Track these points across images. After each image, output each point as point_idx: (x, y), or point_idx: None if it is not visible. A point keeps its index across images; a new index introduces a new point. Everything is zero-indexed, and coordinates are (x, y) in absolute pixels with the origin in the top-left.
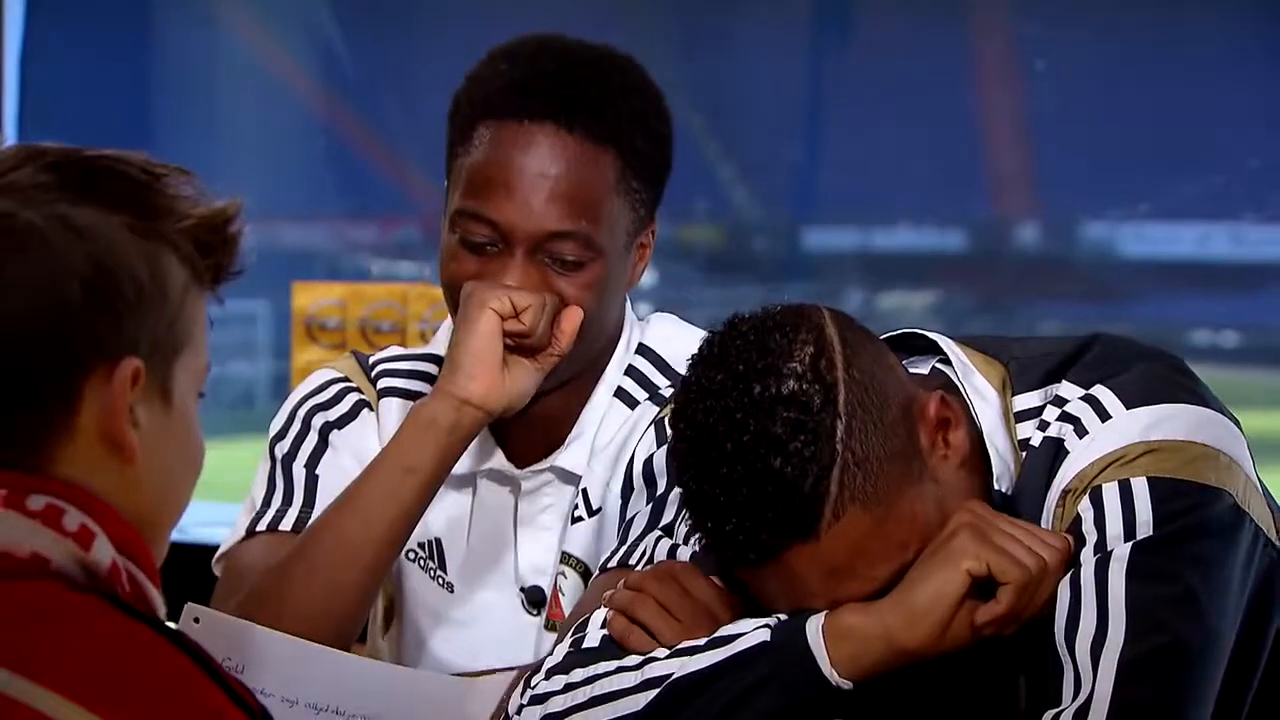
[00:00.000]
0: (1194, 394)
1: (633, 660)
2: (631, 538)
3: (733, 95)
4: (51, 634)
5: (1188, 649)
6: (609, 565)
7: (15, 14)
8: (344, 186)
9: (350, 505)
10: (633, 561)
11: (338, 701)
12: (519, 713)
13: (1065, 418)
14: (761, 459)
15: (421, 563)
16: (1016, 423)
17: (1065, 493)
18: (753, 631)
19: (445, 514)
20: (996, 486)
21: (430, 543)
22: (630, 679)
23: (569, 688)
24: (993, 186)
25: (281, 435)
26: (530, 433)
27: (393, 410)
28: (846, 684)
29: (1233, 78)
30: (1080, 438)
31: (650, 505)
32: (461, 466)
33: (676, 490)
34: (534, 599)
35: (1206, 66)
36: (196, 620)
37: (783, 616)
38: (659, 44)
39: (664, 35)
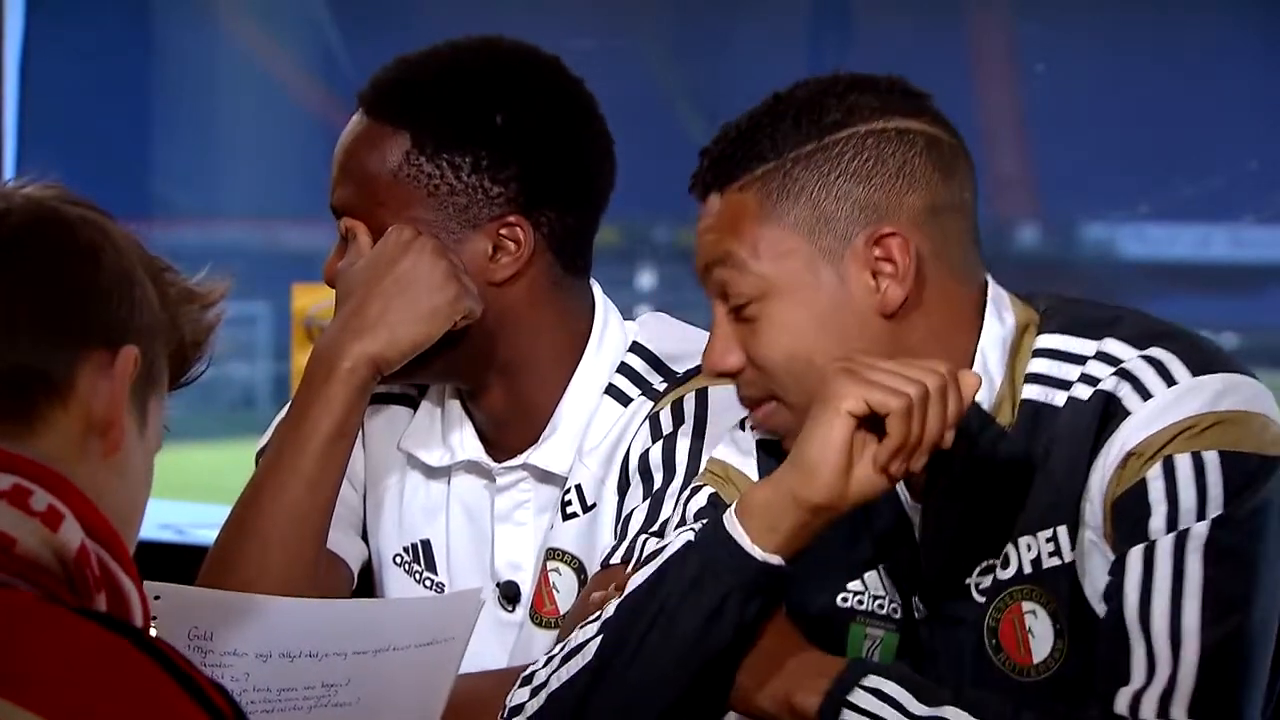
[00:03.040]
0: (1240, 366)
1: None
2: (631, 534)
3: (732, 96)
4: (9, 640)
5: (1259, 627)
6: (610, 562)
7: (15, 14)
8: None
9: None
10: (633, 559)
11: (308, 646)
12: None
13: (1123, 375)
14: (771, 106)
15: (407, 567)
16: (1034, 358)
17: (1130, 455)
18: (677, 538)
19: (429, 512)
20: (977, 400)
21: (417, 545)
22: (589, 630)
23: (550, 661)
24: (992, 187)
25: (267, 449)
26: (500, 427)
27: (376, 421)
28: (776, 559)
29: (1232, 79)
30: (1144, 399)
31: (648, 501)
32: (439, 459)
33: (674, 485)
34: (508, 594)
35: (1206, 68)
36: (157, 598)
37: (705, 522)
38: (658, 45)
39: (663, 37)
